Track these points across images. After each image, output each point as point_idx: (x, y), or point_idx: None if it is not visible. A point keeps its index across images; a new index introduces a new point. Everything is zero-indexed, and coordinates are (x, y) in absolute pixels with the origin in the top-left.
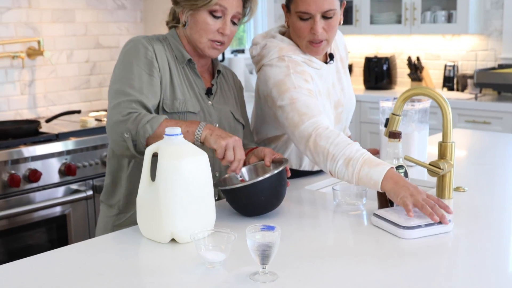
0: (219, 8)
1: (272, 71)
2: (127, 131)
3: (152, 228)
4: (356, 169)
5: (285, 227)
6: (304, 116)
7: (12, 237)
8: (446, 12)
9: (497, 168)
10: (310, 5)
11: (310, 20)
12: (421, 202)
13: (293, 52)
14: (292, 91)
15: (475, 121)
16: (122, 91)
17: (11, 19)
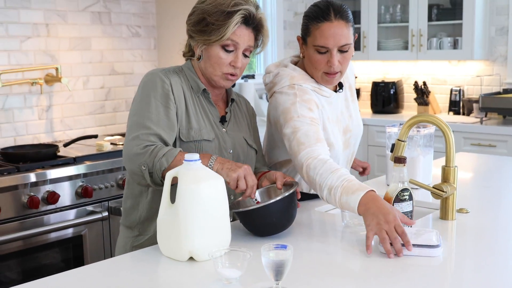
0: (231, 43)
1: (282, 98)
2: (145, 164)
3: (171, 247)
4: (337, 198)
5: (296, 246)
6: (302, 145)
7: (30, 257)
8: (452, 39)
9: (500, 190)
10: (328, 40)
11: (327, 54)
12: (383, 235)
13: (303, 80)
14: (296, 120)
15: (480, 144)
16: (140, 124)
17: (31, 47)
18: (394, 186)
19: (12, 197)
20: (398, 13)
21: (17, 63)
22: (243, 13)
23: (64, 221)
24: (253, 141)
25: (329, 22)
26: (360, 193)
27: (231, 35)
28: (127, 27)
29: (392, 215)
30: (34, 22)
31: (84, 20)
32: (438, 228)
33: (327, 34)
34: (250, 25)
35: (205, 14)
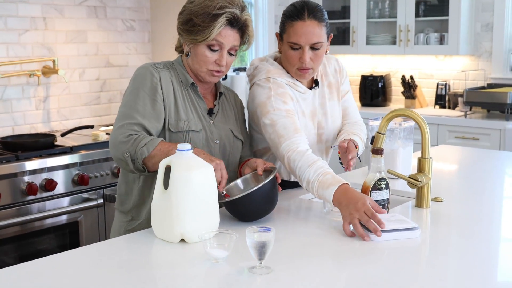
0: (216, 43)
1: (258, 91)
2: (127, 152)
3: (164, 230)
4: (315, 191)
5: (280, 230)
6: (281, 138)
7: (27, 242)
8: (439, 34)
9: (478, 181)
10: (301, 37)
11: (299, 50)
12: (355, 221)
13: (278, 75)
14: (272, 113)
15: (464, 137)
16: (127, 114)
17: (29, 40)
18: (372, 175)
19: (11, 184)
20: (387, 8)
21: (15, 55)
22: (227, 16)
23: (61, 207)
24: (240, 133)
25: (302, 21)
26: (333, 187)
27: (216, 36)
28: (122, 21)
29: (360, 202)
30: (32, 16)
31: (81, 14)
32: (413, 215)
33: (300, 32)
34: (235, 26)
35: (193, 15)
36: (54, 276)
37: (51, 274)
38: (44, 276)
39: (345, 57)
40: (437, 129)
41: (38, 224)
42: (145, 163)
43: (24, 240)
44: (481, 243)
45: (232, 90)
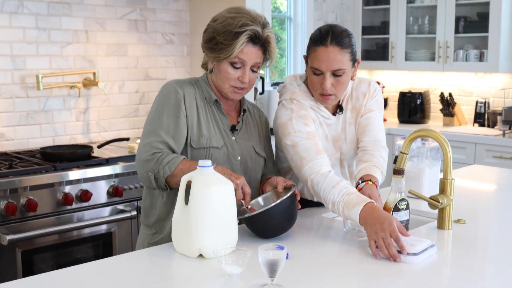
0: (238, 60)
1: (281, 111)
2: (151, 170)
3: (183, 244)
4: (341, 211)
5: (298, 248)
6: (304, 160)
7: (63, 251)
8: (478, 51)
9: (505, 203)
10: (321, 63)
11: (321, 76)
12: (380, 242)
13: (302, 97)
14: (293, 135)
15: (502, 156)
16: (152, 131)
17: (71, 53)
18: (393, 196)
19: (49, 194)
20: (426, 24)
21: (57, 68)
22: (249, 33)
23: (96, 218)
24: (262, 150)
25: (324, 47)
26: (359, 207)
27: (239, 53)
28: (161, 34)
29: (387, 222)
30: (75, 29)
31: (122, 28)
32: (434, 236)
33: (321, 58)
34: (256, 43)
35: (215, 33)
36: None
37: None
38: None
39: (384, 73)
40: (474, 148)
41: (73, 234)
42: (168, 181)
43: (60, 249)
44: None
45: (257, 107)
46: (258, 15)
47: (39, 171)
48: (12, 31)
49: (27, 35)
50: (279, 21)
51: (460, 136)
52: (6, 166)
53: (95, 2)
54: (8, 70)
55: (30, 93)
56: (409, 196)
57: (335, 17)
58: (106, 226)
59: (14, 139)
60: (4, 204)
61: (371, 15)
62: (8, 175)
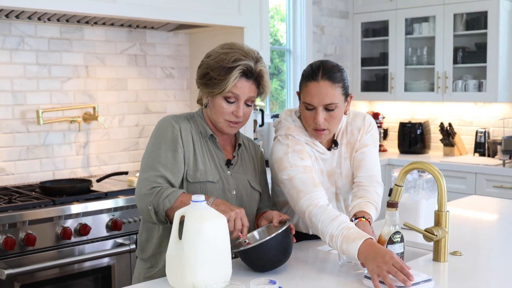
0: (232, 95)
1: (276, 147)
2: (151, 204)
3: (177, 279)
4: (339, 245)
5: (291, 281)
6: (301, 193)
7: (62, 285)
8: (477, 81)
9: (503, 235)
10: (313, 98)
11: (313, 111)
12: (384, 273)
13: (297, 133)
14: (289, 169)
15: (502, 186)
16: (150, 166)
17: (71, 87)
18: (387, 229)
19: (47, 228)
20: (425, 55)
21: (58, 102)
22: (241, 68)
23: (94, 252)
24: (258, 184)
25: (316, 82)
26: (359, 241)
27: (232, 88)
28: (161, 68)
29: (388, 256)
30: (75, 64)
31: (121, 62)
32: (430, 268)
33: (312, 93)
34: (250, 78)
35: (209, 69)
36: None
37: None
38: None
39: (384, 104)
40: (475, 178)
41: (72, 268)
42: (168, 214)
43: (59, 283)
44: None
45: (253, 141)
46: (251, 50)
47: (38, 205)
48: (13, 67)
49: (27, 71)
50: (279, 54)
51: (460, 166)
52: (5, 201)
53: (95, 37)
54: (8, 106)
55: (30, 128)
56: (403, 228)
57: (334, 49)
58: (105, 260)
59: (15, 173)
60: (3, 238)
61: (370, 46)
62: (7, 209)
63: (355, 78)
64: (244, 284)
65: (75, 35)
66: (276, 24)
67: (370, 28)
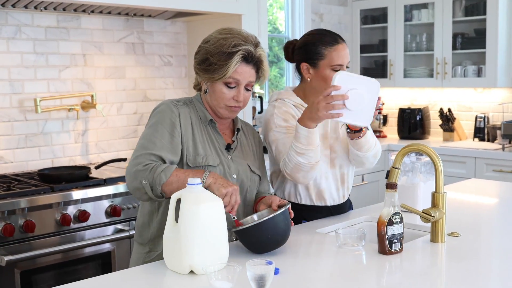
0: (232, 80)
1: (266, 110)
2: (145, 179)
3: (174, 261)
4: (294, 144)
5: (288, 263)
6: (280, 154)
7: (61, 271)
8: (476, 67)
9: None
10: (344, 58)
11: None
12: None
13: (286, 96)
14: (274, 130)
15: (502, 170)
16: (144, 146)
17: (69, 76)
18: (387, 210)
19: (46, 215)
20: (424, 41)
21: (55, 91)
22: (242, 53)
23: (94, 238)
24: (257, 168)
25: (341, 44)
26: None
27: (233, 73)
28: (159, 56)
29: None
30: (72, 53)
31: (119, 51)
32: (428, 249)
33: (342, 53)
34: (250, 62)
35: (208, 54)
36: None
37: None
38: None
39: (383, 90)
40: (474, 162)
41: (72, 254)
42: (163, 189)
43: (58, 270)
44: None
45: (251, 126)
46: (249, 34)
47: (37, 192)
48: (10, 56)
49: (25, 59)
50: (278, 41)
51: (460, 150)
52: (4, 188)
53: (92, 26)
54: (6, 94)
55: (28, 116)
56: (402, 210)
57: None
58: (105, 246)
59: (13, 161)
60: (2, 225)
61: (369, 33)
62: (6, 196)
63: (354, 65)
64: (242, 265)
65: (72, 23)
66: (275, 12)
67: (369, 15)
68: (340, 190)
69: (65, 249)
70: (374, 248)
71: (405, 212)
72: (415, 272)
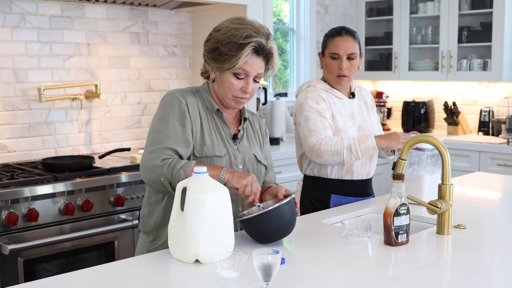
0: (242, 71)
1: (299, 96)
2: (163, 176)
3: (179, 250)
4: (358, 147)
5: (293, 253)
6: (312, 132)
7: (65, 261)
8: (482, 60)
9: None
10: (340, 48)
11: (338, 60)
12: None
13: (316, 83)
14: (307, 111)
15: (506, 164)
16: (158, 139)
17: (73, 65)
18: (393, 201)
19: (50, 204)
20: (429, 34)
21: (59, 80)
22: (253, 45)
23: (98, 227)
24: (263, 158)
25: (341, 36)
26: (371, 137)
27: (243, 64)
28: (163, 46)
29: (394, 133)
30: (77, 42)
31: (123, 40)
32: (434, 241)
33: (339, 44)
34: (260, 54)
35: (219, 43)
36: None
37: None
38: None
39: (388, 83)
40: (479, 156)
41: (75, 243)
42: None
43: (62, 259)
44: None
45: (257, 115)
46: (261, 26)
47: (41, 181)
48: (14, 45)
49: (29, 48)
50: (282, 33)
51: (464, 144)
52: (7, 177)
53: (96, 15)
54: (10, 83)
55: (32, 106)
56: (408, 202)
57: None
58: (108, 235)
59: (17, 150)
60: (5, 214)
61: (374, 26)
62: (9, 185)
63: None
64: (248, 255)
65: (76, 13)
66: (279, 4)
67: (374, 7)
68: (367, 165)
69: (68, 239)
70: (380, 239)
71: (411, 204)
72: (421, 264)
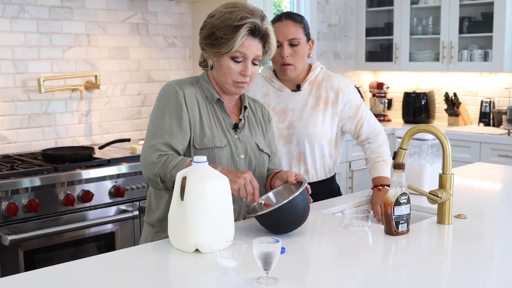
0: (239, 54)
1: None
2: (157, 174)
3: (179, 240)
4: None
5: (293, 243)
6: None
7: (65, 251)
8: (483, 51)
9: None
10: (279, 34)
11: (280, 47)
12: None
13: (266, 69)
14: None
15: (507, 155)
16: (155, 133)
17: (72, 56)
18: (394, 190)
19: (49, 195)
20: (430, 25)
21: (59, 71)
22: (249, 26)
23: (98, 218)
24: (266, 146)
25: (280, 22)
26: None
27: (239, 47)
28: (163, 37)
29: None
30: (76, 33)
31: (123, 31)
32: (434, 231)
33: (278, 30)
34: (256, 36)
35: (214, 28)
36: (65, 283)
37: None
38: (55, 282)
39: (388, 74)
40: (479, 147)
41: (75, 234)
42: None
43: (62, 250)
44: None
45: (259, 102)
46: (255, 8)
47: (41, 172)
48: (14, 36)
49: (28, 39)
50: None
51: (465, 135)
52: (7, 168)
53: (96, 6)
54: (10, 74)
55: (32, 97)
56: (409, 192)
57: (339, 19)
58: (109, 226)
59: (17, 141)
60: (5, 205)
61: (375, 16)
62: (9, 176)
63: (360, 48)
64: (248, 244)
65: (76, 3)
66: None
67: None
68: None
69: (68, 229)
70: (380, 228)
71: (411, 194)
72: (422, 253)
